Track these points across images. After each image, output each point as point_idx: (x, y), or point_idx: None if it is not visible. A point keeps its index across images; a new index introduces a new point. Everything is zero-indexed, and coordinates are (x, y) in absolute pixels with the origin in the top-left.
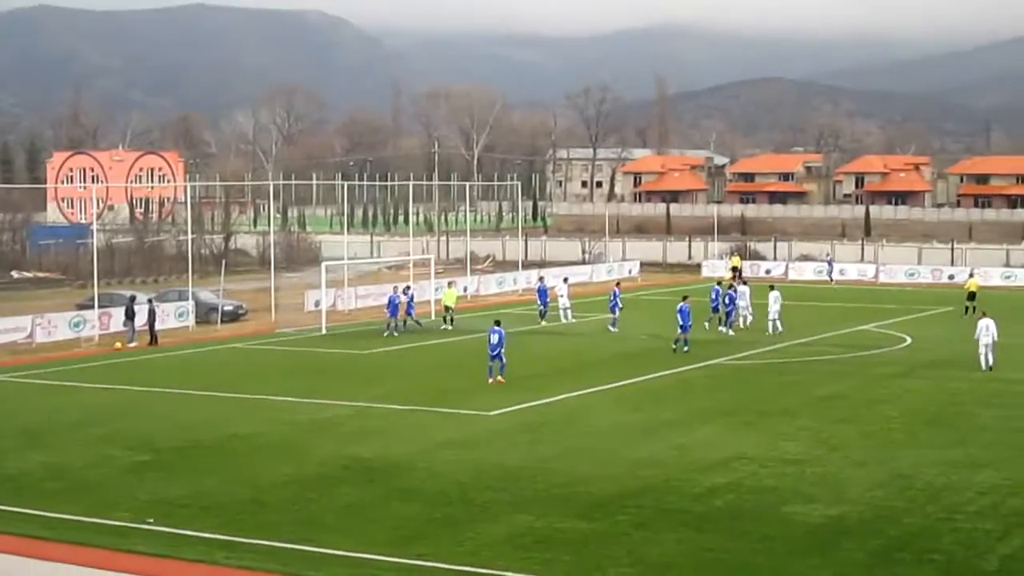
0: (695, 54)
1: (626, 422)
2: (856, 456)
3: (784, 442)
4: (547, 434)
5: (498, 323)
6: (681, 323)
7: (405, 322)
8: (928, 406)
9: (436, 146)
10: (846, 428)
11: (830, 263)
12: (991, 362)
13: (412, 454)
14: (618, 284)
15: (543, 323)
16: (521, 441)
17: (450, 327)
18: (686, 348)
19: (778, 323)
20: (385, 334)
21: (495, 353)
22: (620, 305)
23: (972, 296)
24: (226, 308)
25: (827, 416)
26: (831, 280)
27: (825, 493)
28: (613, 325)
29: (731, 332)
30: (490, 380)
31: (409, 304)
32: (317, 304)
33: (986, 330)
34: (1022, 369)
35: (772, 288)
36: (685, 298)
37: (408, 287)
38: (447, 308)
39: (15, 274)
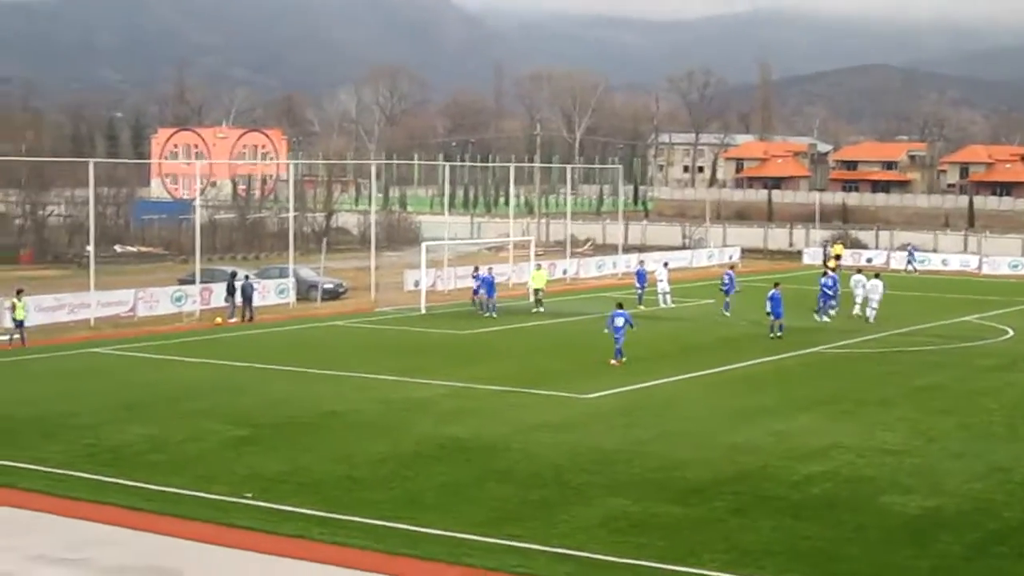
0: (799, 39)
1: (724, 408)
2: (954, 448)
3: (882, 432)
4: (644, 418)
5: (621, 306)
6: (771, 310)
7: (483, 303)
8: None
9: (538, 128)
10: (945, 419)
11: (911, 252)
12: None
13: (508, 435)
14: (732, 268)
15: (640, 307)
16: (618, 424)
17: (542, 309)
18: (779, 334)
19: (872, 312)
20: (486, 314)
21: (620, 335)
22: (736, 288)
23: None
24: (326, 286)
25: (926, 407)
26: (913, 270)
27: (922, 484)
28: (726, 309)
29: (826, 319)
30: (623, 360)
31: (479, 287)
32: (417, 284)
33: None
34: None
35: (877, 276)
36: (776, 285)
37: (476, 268)
38: (537, 291)
39: (118, 248)
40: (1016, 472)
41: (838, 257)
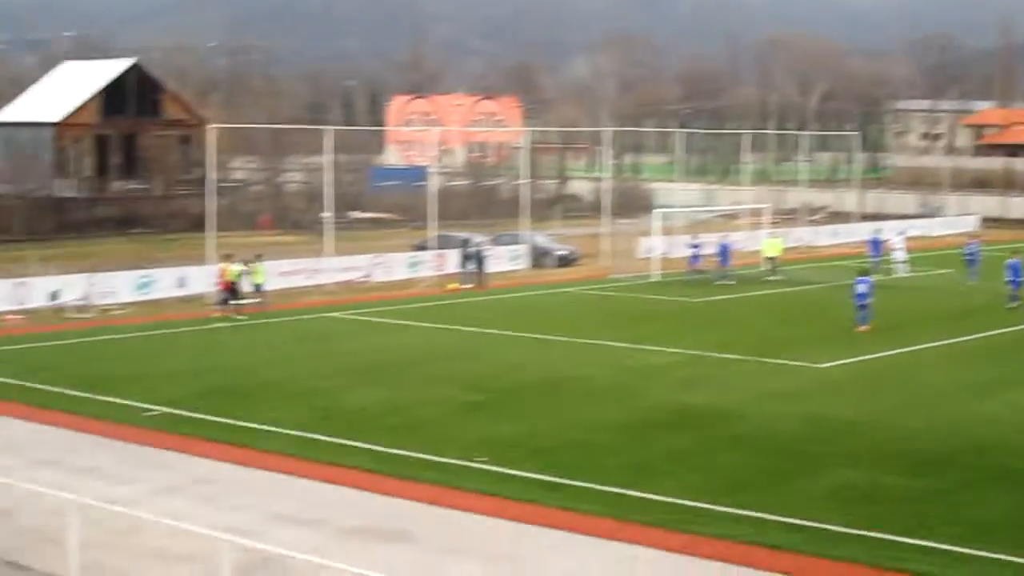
0: None
1: (960, 379)
2: None
3: None
4: (878, 388)
5: (864, 273)
6: (1011, 279)
7: (717, 271)
8: None
9: (773, 95)
10: None
11: None
12: None
13: (740, 403)
14: (973, 237)
15: (875, 276)
16: (851, 394)
17: (776, 277)
18: (1016, 303)
19: None
20: (720, 282)
21: (863, 303)
22: (977, 258)
23: None
24: (560, 253)
25: None
26: None
27: None
28: (971, 277)
29: None
30: (863, 328)
31: (697, 255)
32: (650, 251)
33: None
34: None
35: None
36: (1016, 253)
37: (695, 237)
38: (770, 259)
39: (354, 214)
40: None
41: None
